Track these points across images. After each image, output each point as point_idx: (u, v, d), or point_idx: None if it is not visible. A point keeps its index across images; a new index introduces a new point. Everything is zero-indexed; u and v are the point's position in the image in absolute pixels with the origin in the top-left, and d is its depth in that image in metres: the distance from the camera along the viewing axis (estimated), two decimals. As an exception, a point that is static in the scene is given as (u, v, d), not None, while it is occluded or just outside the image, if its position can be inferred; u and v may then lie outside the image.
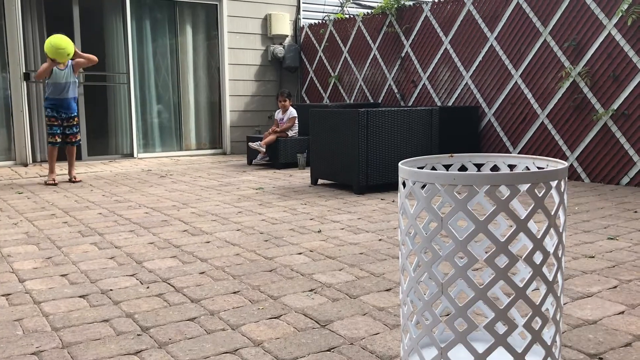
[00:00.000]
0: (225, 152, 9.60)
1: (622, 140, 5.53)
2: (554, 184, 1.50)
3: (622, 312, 2.32)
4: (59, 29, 8.40)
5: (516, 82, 6.43)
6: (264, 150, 7.47)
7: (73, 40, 8.32)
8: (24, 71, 7.97)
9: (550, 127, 6.13)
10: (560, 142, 6.05)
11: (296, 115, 7.67)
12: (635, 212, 4.31)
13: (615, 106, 5.56)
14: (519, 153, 6.51)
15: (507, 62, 6.51)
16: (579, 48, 5.82)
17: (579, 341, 2.05)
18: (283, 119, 7.70)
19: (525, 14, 6.29)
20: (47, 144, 6.53)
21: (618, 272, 2.85)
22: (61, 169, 7.05)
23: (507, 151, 6.64)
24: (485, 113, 6.80)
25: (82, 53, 6.49)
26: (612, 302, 2.44)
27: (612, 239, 3.52)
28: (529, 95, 6.31)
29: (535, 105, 6.26)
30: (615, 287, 2.63)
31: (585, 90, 5.79)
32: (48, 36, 8.24)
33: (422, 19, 7.52)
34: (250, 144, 7.70)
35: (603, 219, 4.09)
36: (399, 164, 1.66)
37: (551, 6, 6.04)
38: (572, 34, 5.86)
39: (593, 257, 3.13)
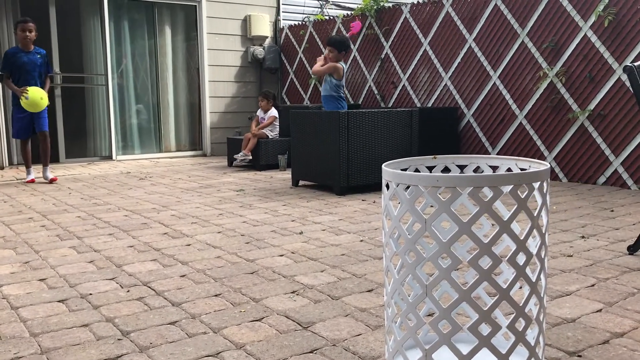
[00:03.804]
0: (206, 153, 9.55)
1: (599, 140, 5.61)
2: (536, 185, 1.51)
3: (600, 310, 2.35)
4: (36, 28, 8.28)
5: (495, 83, 6.49)
6: (251, 157, 7.41)
7: (49, 41, 8.21)
8: (-1, 72, 7.83)
9: (528, 127, 6.19)
10: (539, 142, 6.12)
11: (277, 115, 7.66)
12: (612, 211, 4.37)
13: (591, 107, 5.64)
14: (497, 153, 6.57)
15: (485, 63, 6.57)
16: (556, 49, 5.89)
17: (558, 339, 2.07)
18: (265, 118, 7.70)
19: (503, 16, 6.35)
20: None
21: (596, 270, 2.89)
22: (38, 171, 6.94)
23: (486, 151, 6.70)
24: (464, 114, 6.85)
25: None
26: (590, 300, 2.47)
27: (589, 237, 3.56)
28: (507, 96, 6.37)
29: (514, 106, 6.32)
30: (593, 285, 2.66)
31: (563, 91, 5.86)
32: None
33: (401, 20, 7.56)
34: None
35: (581, 218, 4.14)
36: (383, 165, 1.66)
37: (529, 8, 6.10)
38: (549, 35, 5.93)
39: (571, 256, 3.16)
